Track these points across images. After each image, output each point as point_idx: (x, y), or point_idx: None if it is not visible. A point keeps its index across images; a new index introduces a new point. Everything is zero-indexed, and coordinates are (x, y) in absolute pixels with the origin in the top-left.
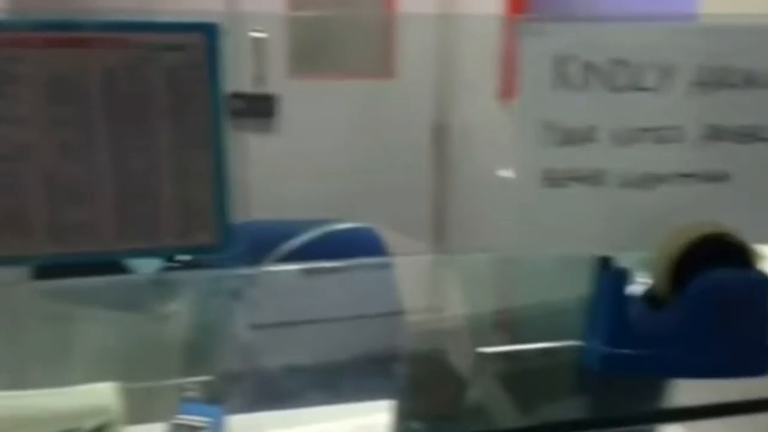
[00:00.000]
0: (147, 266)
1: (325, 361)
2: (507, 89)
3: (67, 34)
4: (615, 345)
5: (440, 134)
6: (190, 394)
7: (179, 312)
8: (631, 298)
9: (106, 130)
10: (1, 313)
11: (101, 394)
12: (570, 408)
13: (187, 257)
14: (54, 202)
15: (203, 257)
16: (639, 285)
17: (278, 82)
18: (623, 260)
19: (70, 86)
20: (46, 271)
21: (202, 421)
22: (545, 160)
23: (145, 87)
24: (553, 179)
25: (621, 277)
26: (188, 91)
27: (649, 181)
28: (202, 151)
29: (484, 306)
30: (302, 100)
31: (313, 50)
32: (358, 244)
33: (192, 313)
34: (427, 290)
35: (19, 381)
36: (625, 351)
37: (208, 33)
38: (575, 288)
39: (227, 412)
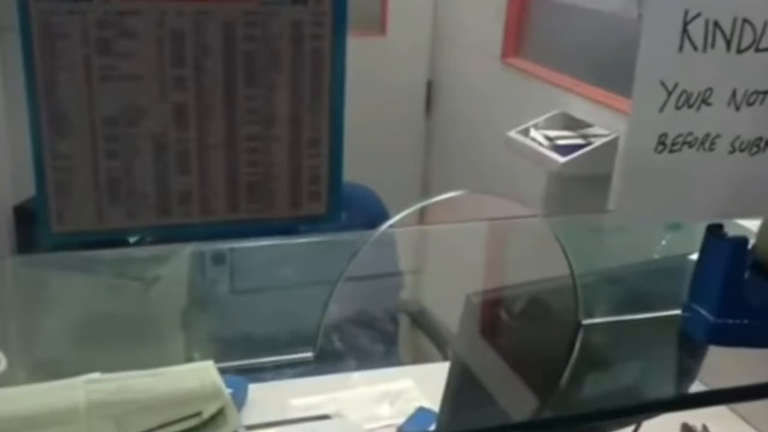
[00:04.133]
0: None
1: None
2: (511, 49)
3: None
4: (724, 315)
5: (434, 93)
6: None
7: (165, 277)
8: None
9: (222, 91)
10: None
11: (207, 374)
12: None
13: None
14: (163, 169)
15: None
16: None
17: None
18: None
19: (189, 43)
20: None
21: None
22: (661, 124)
23: (266, 44)
24: (667, 144)
25: (739, 245)
26: (310, 49)
27: (761, 145)
28: (320, 114)
29: (583, 271)
30: None
31: None
32: (357, 204)
33: (177, 280)
34: (511, 253)
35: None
36: (733, 321)
37: None
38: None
39: (249, 381)
